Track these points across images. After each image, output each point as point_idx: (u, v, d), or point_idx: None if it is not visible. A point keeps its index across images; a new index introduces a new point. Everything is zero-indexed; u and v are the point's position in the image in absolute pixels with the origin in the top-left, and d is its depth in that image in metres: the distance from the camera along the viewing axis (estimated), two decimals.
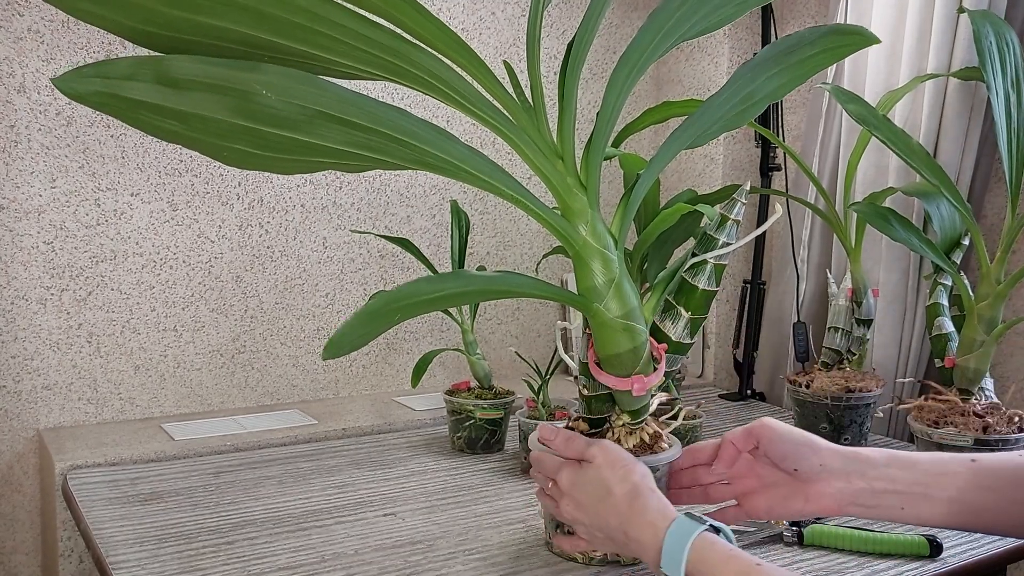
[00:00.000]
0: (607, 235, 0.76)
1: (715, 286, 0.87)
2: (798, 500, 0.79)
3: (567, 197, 0.74)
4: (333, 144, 0.66)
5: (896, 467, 0.77)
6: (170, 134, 0.63)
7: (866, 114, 1.10)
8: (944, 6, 1.28)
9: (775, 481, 0.80)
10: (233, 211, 1.38)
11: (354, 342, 0.67)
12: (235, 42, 0.62)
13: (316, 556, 0.88)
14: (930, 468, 0.76)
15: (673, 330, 0.87)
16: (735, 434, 0.82)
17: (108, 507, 1.00)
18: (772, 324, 1.59)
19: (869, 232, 1.29)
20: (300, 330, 1.45)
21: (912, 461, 0.77)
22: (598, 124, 0.74)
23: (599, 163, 0.76)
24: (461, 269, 0.79)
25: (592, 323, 0.77)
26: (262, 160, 0.67)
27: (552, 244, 1.65)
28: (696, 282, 0.86)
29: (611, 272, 0.75)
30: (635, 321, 0.77)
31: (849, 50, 0.77)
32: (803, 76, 0.77)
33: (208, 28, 0.60)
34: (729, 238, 0.86)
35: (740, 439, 0.82)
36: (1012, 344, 1.32)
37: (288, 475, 1.12)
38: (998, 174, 1.32)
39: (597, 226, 0.75)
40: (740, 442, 0.81)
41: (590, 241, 0.74)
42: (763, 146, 1.61)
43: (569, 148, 0.74)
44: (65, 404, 1.29)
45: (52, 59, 1.23)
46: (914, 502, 0.76)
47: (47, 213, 1.25)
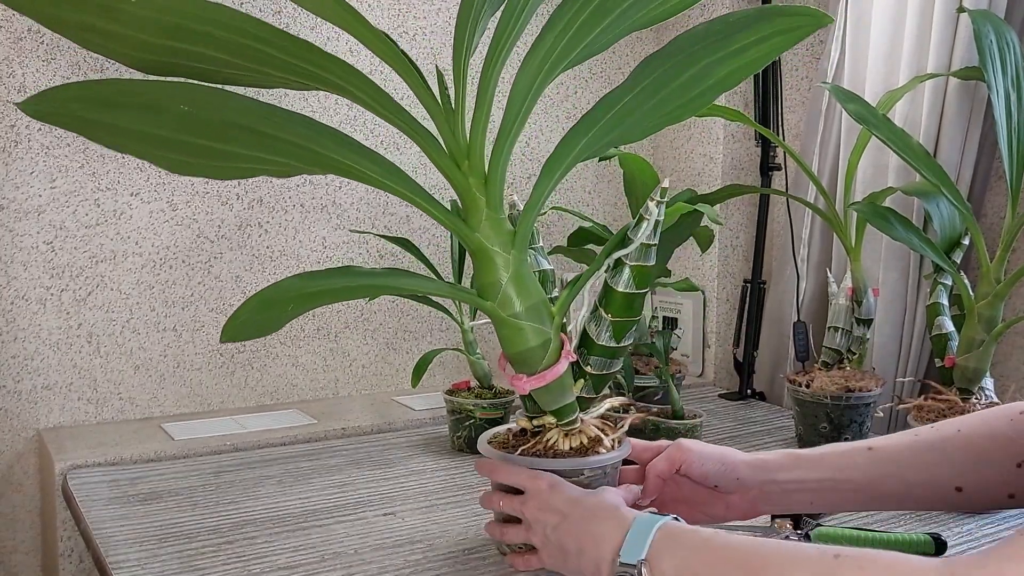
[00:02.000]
0: (503, 234, 0.77)
1: (636, 288, 0.84)
2: (719, 508, 0.85)
3: (466, 197, 0.76)
4: (247, 151, 0.73)
5: (802, 468, 0.82)
6: (121, 146, 0.74)
7: (866, 113, 1.10)
8: (944, 6, 1.28)
9: (697, 496, 0.85)
10: (232, 211, 1.38)
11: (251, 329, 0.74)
12: (204, 61, 0.71)
13: (316, 556, 0.88)
14: (833, 463, 0.81)
15: (597, 333, 0.85)
16: (657, 466, 0.85)
17: (108, 507, 1.00)
18: (772, 323, 1.59)
19: (869, 232, 1.28)
20: (300, 330, 1.45)
21: (817, 459, 0.82)
22: (502, 128, 0.75)
23: (501, 166, 0.76)
24: (350, 266, 0.80)
25: (492, 320, 0.79)
26: (197, 167, 0.75)
27: (552, 243, 1.65)
28: (614, 284, 0.84)
29: (505, 271, 0.77)
30: (529, 320, 0.77)
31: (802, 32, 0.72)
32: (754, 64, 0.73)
33: (185, 52, 0.71)
34: (649, 239, 0.83)
35: (663, 468, 0.85)
36: (1012, 344, 1.32)
37: (288, 475, 1.12)
38: (998, 174, 1.32)
39: (493, 225, 0.76)
40: (664, 472, 0.85)
41: (483, 241, 0.76)
42: (763, 145, 1.61)
43: (478, 149, 0.75)
44: (65, 404, 1.29)
45: (52, 59, 1.23)
46: (822, 497, 0.81)
47: (47, 213, 1.25)
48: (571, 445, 0.83)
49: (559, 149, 0.76)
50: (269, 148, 0.74)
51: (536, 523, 0.79)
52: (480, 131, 0.75)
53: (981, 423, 0.77)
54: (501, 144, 0.75)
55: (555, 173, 0.77)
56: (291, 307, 0.74)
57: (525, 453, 0.84)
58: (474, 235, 0.77)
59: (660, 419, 1.15)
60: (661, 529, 0.69)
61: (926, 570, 0.55)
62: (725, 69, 0.73)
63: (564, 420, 0.84)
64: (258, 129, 0.72)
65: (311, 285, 0.75)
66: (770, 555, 0.63)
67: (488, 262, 0.77)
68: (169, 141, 0.74)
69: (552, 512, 0.77)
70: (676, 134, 1.72)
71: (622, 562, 0.69)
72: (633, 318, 0.85)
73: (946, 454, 0.78)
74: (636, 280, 0.84)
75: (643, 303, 0.87)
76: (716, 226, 1.59)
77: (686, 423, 1.14)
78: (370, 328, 1.52)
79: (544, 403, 0.83)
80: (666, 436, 1.14)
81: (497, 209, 0.77)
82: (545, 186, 0.77)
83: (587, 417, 0.86)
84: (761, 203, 1.62)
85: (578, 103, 1.68)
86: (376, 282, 0.80)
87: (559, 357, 0.80)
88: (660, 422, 1.14)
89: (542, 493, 0.79)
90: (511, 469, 0.82)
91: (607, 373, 0.87)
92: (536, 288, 0.79)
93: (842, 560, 0.59)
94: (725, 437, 1.32)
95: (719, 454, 0.85)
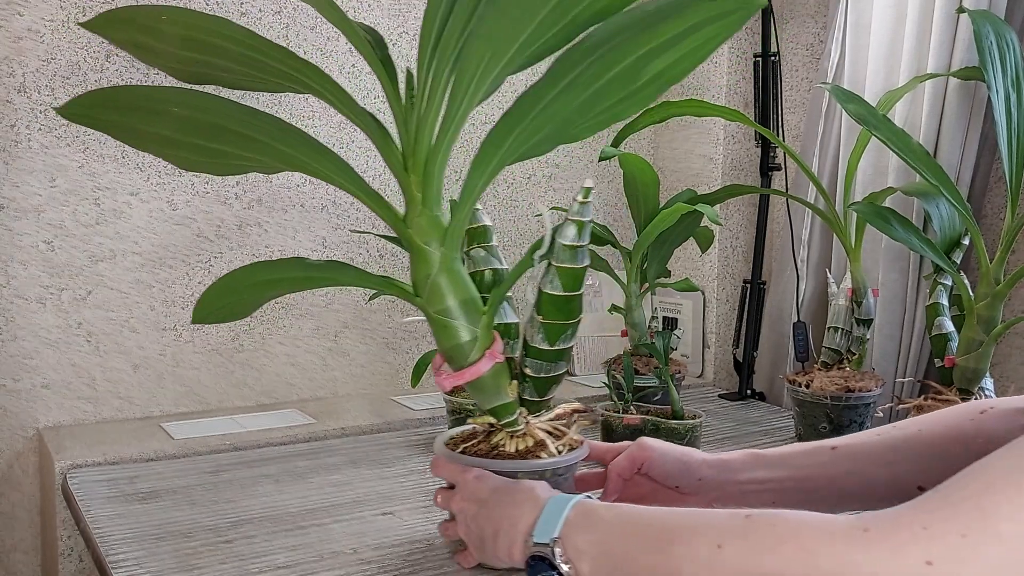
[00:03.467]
0: (433, 233, 0.77)
1: (564, 291, 0.82)
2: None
3: (406, 193, 0.78)
4: (234, 149, 0.79)
5: (764, 468, 0.81)
6: (140, 146, 0.86)
7: (866, 114, 1.10)
8: (944, 6, 1.28)
9: (658, 497, 0.84)
10: (232, 211, 1.38)
11: (217, 314, 0.83)
12: (222, 70, 0.80)
13: (314, 555, 0.88)
14: (796, 462, 0.81)
15: (531, 335, 0.85)
16: (619, 465, 0.85)
17: (107, 506, 1.00)
18: (772, 324, 1.59)
19: (869, 232, 1.28)
20: (299, 329, 1.45)
21: (779, 459, 0.81)
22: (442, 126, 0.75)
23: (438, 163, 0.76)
24: (301, 257, 0.83)
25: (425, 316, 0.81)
26: (200, 164, 0.84)
27: None
28: (543, 285, 0.83)
29: (432, 267, 0.77)
30: (457, 317, 0.78)
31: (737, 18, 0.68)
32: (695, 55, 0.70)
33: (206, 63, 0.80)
34: (574, 241, 0.82)
35: (624, 467, 0.84)
36: (1012, 344, 1.32)
37: (286, 474, 1.12)
38: (998, 174, 1.32)
39: (427, 222, 0.77)
40: (625, 471, 0.84)
41: (414, 237, 0.77)
42: (763, 146, 1.61)
43: (423, 147, 0.76)
44: (64, 403, 1.29)
45: (52, 59, 1.23)
46: (785, 496, 0.80)
47: (46, 212, 1.25)
48: (517, 448, 0.82)
49: (484, 149, 0.75)
50: (248, 147, 0.79)
51: (460, 514, 0.79)
52: (426, 129, 0.75)
53: (942, 422, 0.77)
54: (440, 142, 0.75)
55: (483, 172, 0.76)
56: (248, 294, 0.79)
57: (469, 452, 0.83)
58: (407, 231, 0.78)
59: (660, 419, 1.14)
60: (576, 507, 0.69)
61: (837, 523, 0.55)
62: (662, 62, 0.70)
63: (503, 421, 0.83)
64: (237, 130, 0.78)
65: (263, 274, 0.81)
66: (682, 521, 0.62)
67: (420, 258, 0.78)
68: (174, 141, 0.81)
69: (473, 501, 0.77)
70: (676, 134, 1.72)
71: (535, 541, 0.68)
72: (566, 321, 0.84)
73: (908, 453, 0.77)
74: (564, 282, 0.82)
75: (579, 306, 0.84)
76: (716, 226, 1.59)
77: (686, 423, 1.13)
78: (369, 328, 1.52)
79: (480, 402, 0.83)
80: (666, 436, 1.14)
81: (433, 206, 0.77)
82: (474, 185, 0.76)
83: (534, 420, 0.85)
84: (761, 203, 1.62)
85: None
86: (321, 275, 0.84)
87: (483, 355, 0.79)
88: (660, 422, 1.14)
89: (468, 484, 0.79)
90: (447, 464, 0.83)
91: (548, 376, 0.86)
92: (466, 285, 0.79)
93: (753, 519, 0.58)
94: (725, 437, 1.32)
95: (680, 453, 0.84)
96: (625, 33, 0.69)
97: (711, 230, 1.43)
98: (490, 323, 0.81)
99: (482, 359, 0.79)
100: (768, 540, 0.56)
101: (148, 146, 0.86)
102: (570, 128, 0.74)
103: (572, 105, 0.72)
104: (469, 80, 0.71)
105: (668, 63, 0.70)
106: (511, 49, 0.69)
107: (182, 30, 0.77)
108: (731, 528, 0.59)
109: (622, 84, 0.71)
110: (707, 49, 0.69)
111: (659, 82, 0.71)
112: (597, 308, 1.71)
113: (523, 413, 0.85)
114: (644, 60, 0.69)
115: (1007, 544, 0.48)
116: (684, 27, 0.68)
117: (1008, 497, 0.49)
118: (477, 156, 0.75)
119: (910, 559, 0.50)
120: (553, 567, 0.67)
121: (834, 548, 0.53)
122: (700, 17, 0.67)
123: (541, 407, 0.88)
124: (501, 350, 0.81)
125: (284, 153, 0.78)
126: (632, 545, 0.63)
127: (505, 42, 0.69)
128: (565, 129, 0.74)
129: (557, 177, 1.68)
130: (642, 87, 0.71)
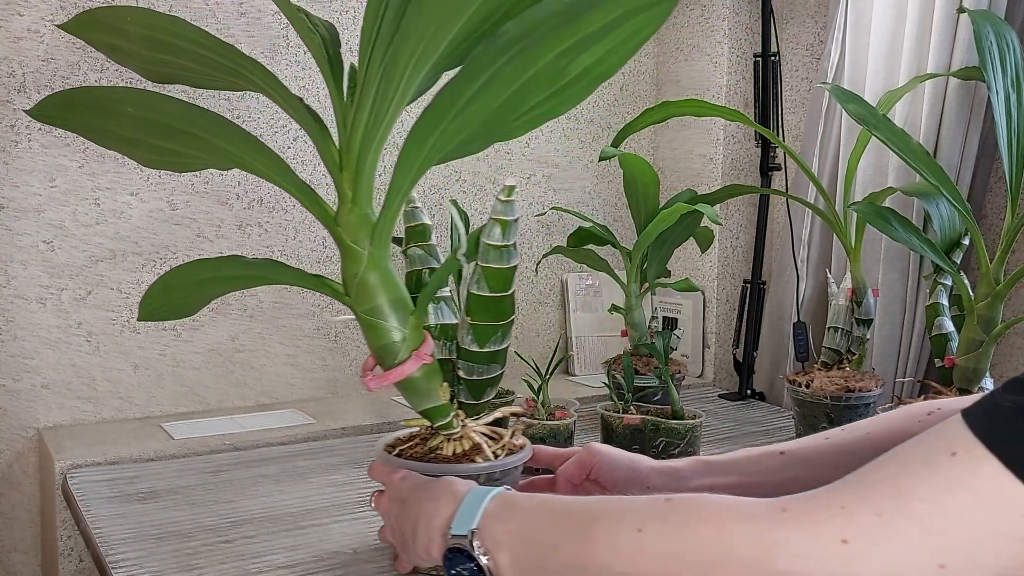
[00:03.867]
0: (362, 231, 0.76)
1: (491, 291, 0.81)
2: None
3: (339, 191, 0.77)
4: (184, 148, 0.81)
5: (713, 474, 0.80)
6: (108, 145, 0.88)
7: (866, 114, 1.10)
8: (944, 6, 1.28)
9: None
10: (232, 211, 1.38)
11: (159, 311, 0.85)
12: (184, 69, 0.82)
13: (314, 555, 0.88)
14: (744, 468, 0.80)
15: (462, 337, 0.84)
16: (567, 470, 0.84)
17: (107, 506, 1.00)
18: (772, 324, 1.59)
19: (869, 232, 1.28)
20: (298, 329, 1.45)
21: (728, 465, 0.81)
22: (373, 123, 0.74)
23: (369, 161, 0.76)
24: (237, 256, 0.84)
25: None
26: (160, 162, 0.86)
27: (552, 243, 1.65)
28: (469, 286, 0.82)
29: (360, 266, 0.76)
30: (384, 317, 0.77)
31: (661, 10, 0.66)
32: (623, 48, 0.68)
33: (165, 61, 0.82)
34: (499, 240, 0.80)
35: (573, 473, 0.84)
36: (1012, 344, 1.32)
37: (286, 474, 1.12)
38: (998, 174, 1.32)
39: (357, 220, 0.76)
40: (574, 476, 0.84)
41: (343, 235, 0.77)
42: (763, 146, 1.61)
43: (356, 145, 0.75)
44: (64, 403, 1.29)
45: (52, 59, 1.23)
46: None
47: (46, 212, 1.25)
48: (454, 451, 0.81)
49: (408, 146, 0.73)
50: (195, 145, 0.79)
51: (385, 516, 0.79)
52: (360, 127, 0.74)
53: (889, 425, 0.76)
54: (370, 139, 0.74)
55: (410, 169, 0.74)
56: (191, 292, 0.80)
57: (406, 455, 0.82)
58: (336, 229, 0.77)
59: (660, 419, 1.14)
60: (496, 498, 0.67)
61: (757, 504, 0.55)
62: (589, 57, 0.68)
63: (437, 424, 0.82)
64: (184, 128, 0.79)
65: (203, 272, 0.82)
66: (603, 506, 0.62)
67: (348, 256, 0.77)
68: (133, 140, 0.83)
69: (396, 501, 0.76)
70: (676, 134, 1.72)
71: (453, 534, 0.67)
72: (495, 322, 0.82)
73: (855, 456, 0.77)
74: (491, 283, 0.81)
75: (508, 307, 0.83)
76: (716, 226, 1.59)
77: (686, 423, 1.13)
78: None
79: (411, 404, 0.82)
80: (666, 436, 1.14)
81: (363, 204, 0.76)
82: (401, 183, 0.75)
83: (471, 423, 0.85)
84: (761, 203, 1.62)
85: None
86: (257, 273, 0.85)
87: (410, 356, 0.78)
88: (660, 422, 1.14)
89: (393, 485, 0.78)
90: (380, 467, 0.82)
91: (482, 379, 0.85)
92: (395, 285, 0.78)
93: (674, 502, 0.58)
94: (725, 437, 1.32)
95: (628, 460, 0.83)
96: (544, 27, 0.66)
97: (711, 230, 1.43)
98: (419, 323, 0.79)
99: (409, 360, 0.78)
100: (688, 522, 0.56)
101: (113, 145, 0.87)
102: (498, 126, 0.72)
103: (496, 103, 0.70)
104: (400, 78, 0.69)
105: (595, 58, 0.68)
106: (440, 46, 0.68)
107: (144, 30, 0.78)
108: (651, 512, 0.58)
109: (547, 81, 0.69)
110: (634, 43, 0.67)
111: (588, 78, 0.69)
112: (597, 308, 1.71)
113: (460, 416, 0.84)
114: (568, 55, 0.67)
115: (921, 523, 0.48)
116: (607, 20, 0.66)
117: (923, 478, 0.49)
118: (401, 153, 0.73)
119: (826, 537, 0.50)
120: (471, 559, 0.65)
121: (752, 527, 0.53)
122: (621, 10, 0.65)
123: (480, 410, 0.87)
124: (431, 351, 0.79)
125: (225, 150, 0.78)
126: (553, 533, 0.62)
127: (434, 39, 0.67)
128: (493, 127, 0.72)
129: (557, 177, 1.68)
130: (570, 84, 0.69)
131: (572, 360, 1.69)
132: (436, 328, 0.88)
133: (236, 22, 1.35)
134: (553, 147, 1.67)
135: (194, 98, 1.31)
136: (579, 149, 1.70)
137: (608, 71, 0.69)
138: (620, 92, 1.73)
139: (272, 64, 1.38)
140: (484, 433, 0.85)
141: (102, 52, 0.89)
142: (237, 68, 0.76)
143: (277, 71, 1.38)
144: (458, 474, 0.77)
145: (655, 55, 1.77)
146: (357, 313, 0.78)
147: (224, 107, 1.35)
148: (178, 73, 0.83)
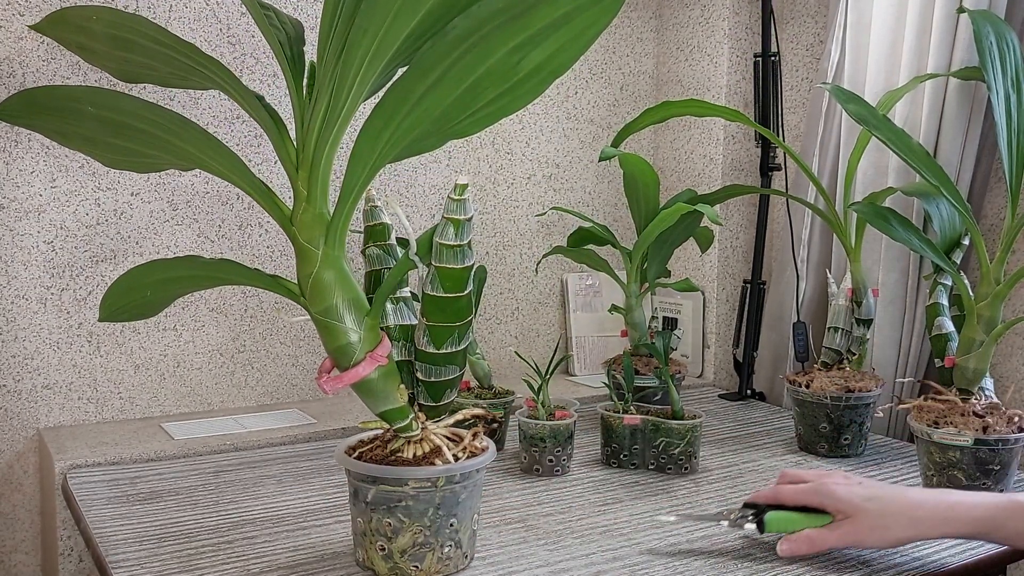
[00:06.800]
0: (317, 230, 0.76)
1: (443, 292, 0.80)
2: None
3: (294, 190, 0.76)
4: (143, 147, 0.80)
5: None
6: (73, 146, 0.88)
7: (866, 114, 1.10)
8: (944, 6, 1.28)
9: None
10: (233, 211, 1.38)
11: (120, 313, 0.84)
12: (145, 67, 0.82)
13: (315, 555, 0.88)
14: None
15: (418, 338, 0.83)
16: None
17: (108, 506, 1.00)
18: (772, 324, 1.59)
19: (869, 232, 1.29)
20: (300, 329, 1.45)
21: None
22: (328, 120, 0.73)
23: (324, 161, 0.75)
24: (194, 255, 0.83)
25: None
26: (123, 163, 0.85)
27: (552, 243, 1.65)
28: (424, 286, 0.81)
29: (314, 266, 0.76)
30: (338, 317, 0.76)
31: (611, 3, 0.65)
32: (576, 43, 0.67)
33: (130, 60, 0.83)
34: (451, 240, 0.79)
35: None
36: (1012, 344, 1.32)
37: (288, 474, 1.12)
38: (998, 174, 1.32)
39: (311, 220, 0.76)
40: None
41: (297, 234, 0.76)
42: (763, 146, 1.62)
43: (311, 144, 0.75)
44: (65, 403, 1.29)
45: (52, 59, 1.23)
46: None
47: (47, 212, 1.25)
48: (414, 454, 0.81)
49: (360, 143, 0.72)
50: (154, 144, 0.79)
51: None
52: (315, 124, 0.73)
53: None
54: (324, 137, 0.73)
55: (364, 167, 0.74)
56: (149, 293, 0.80)
57: (366, 457, 0.82)
58: (291, 228, 0.76)
59: (660, 419, 1.15)
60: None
61: None
62: (541, 53, 0.67)
63: (396, 426, 0.82)
64: (141, 127, 0.79)
65: (160, 272, 0.82)
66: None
67: (303, 256, 0.76)
68: (93, 140, 0.82)
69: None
70: (676, 134, 1.72)
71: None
72: (451, 324, 0.81)
73: None
74: (444, 283, 0.80)
75: (465, 308, 0.82)
76: (716, 226, 1.59)
77: (686, 423, 1.14)
78: None
79: (369, 406, 0.81)
80: (666, 436, 1.14)
81: (318, 203, 0.76)
82: (354, 181, 0.74)
83: (431, 425, 0.84)
84: (761, 203, 1.63)
85: (578, 103, 1.68)
86: (213, 273, 0.83)
87: (365, 357, 0.77)
88: (660, 422, 1.14)
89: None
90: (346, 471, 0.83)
91: (440, 381, 0.84)
92: (350, 285, 0.77)
93: None
94: (725, 438, 1.33)
95: None
96: (493, 23, 0.66)
97: (711, 230, 1.43)
98: (374, 324, 0.78)
99: (364, 361, 0.77)
100: None
101: (75, 145, 0.86)
102: (451, 123, 0.72)
103: (448, 99, 0.69)
104: (354, 74, 0.69)
105: (547, 54, 0.67)
106: (395, 43, 0.67)
107: (108, 28, 0.78)
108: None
109: (499, 77, 0.68)
110: (585, 38, 0.67)
111: (540, 75, 0.68)
112: (597, 308, 1.72)
113: (420, 418, 0.84)
114: (519, 52, 0.67)
115: None
116: (556, 15, 0.65)
117: None
118: (354, 150, 0.72)
119: None
120: None
121: None
122: (571, 5, 0.65)
123: (441, 412, 0.86)
124: (386, 352, 0.78)
125: (184, 149, 0.78)
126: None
127: (388, 35, 0.66)
128: (446, 124, 0.72)
129: (557, 177, 1.68)
130: (522, 80, 0.69)
131: (572, 360, 1.70)
132: (396, 329, 0.86)
133: (238, 21, 1.35)
134: (553, 147, 1.67)
135: (165, 98, 1.32)
136: (579, 149, 1.70)
137: (560, 67, 0.68)
138: (620, 92, 1.74)
139: (272, 64, 1.38)
140: (445, 435, 0.84)
141: (73, 52, 0.88)
142: (195, 66, 0.76)
143: (277, 71, 1.38)
144: (417, 477, 0.77)
145: (655, 55, 1.77)
146: (312, 314, 0.77)
147: (205, 107, 1.35)
148: (143, 72, 0.82)
